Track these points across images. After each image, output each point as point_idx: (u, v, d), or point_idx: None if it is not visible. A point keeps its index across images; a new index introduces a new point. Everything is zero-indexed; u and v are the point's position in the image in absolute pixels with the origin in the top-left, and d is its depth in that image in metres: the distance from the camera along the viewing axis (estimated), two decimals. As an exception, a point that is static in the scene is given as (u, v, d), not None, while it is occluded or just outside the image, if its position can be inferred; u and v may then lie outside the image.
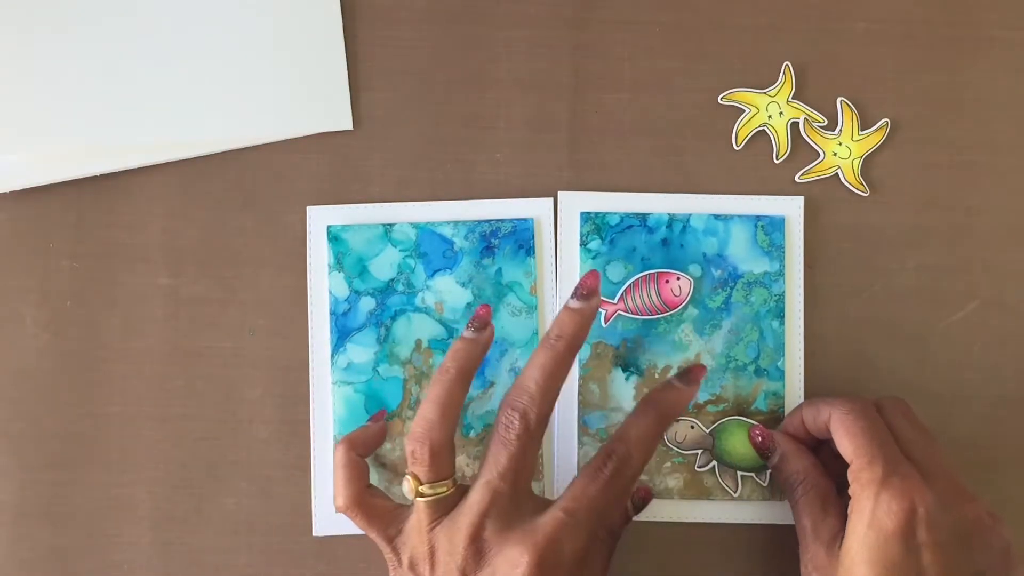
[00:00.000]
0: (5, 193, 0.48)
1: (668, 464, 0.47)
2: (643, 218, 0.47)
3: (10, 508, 0.47)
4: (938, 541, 0.37)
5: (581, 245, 0.47)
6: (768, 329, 0.47)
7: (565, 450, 0.47)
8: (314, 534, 0.47)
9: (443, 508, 0.40)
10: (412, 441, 0.40)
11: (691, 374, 0.43)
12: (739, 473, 0.46)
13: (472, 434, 0.47)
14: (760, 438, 0.45)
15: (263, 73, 0.49)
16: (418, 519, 0.40)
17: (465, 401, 0.45)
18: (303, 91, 0.49)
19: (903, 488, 0.37)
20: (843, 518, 0.40)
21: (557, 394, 0.40)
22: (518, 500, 0.40)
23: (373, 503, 0.42)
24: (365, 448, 0.44)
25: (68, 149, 0.48)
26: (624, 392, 0.47)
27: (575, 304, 0.41)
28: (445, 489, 0.40)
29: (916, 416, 0.42)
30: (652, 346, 0.47)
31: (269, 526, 0.47)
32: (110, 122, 0.48)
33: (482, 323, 0.42)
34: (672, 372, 0.47)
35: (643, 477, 0.47)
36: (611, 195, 0.48)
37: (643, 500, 0.46)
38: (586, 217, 0.47)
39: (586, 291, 0.42)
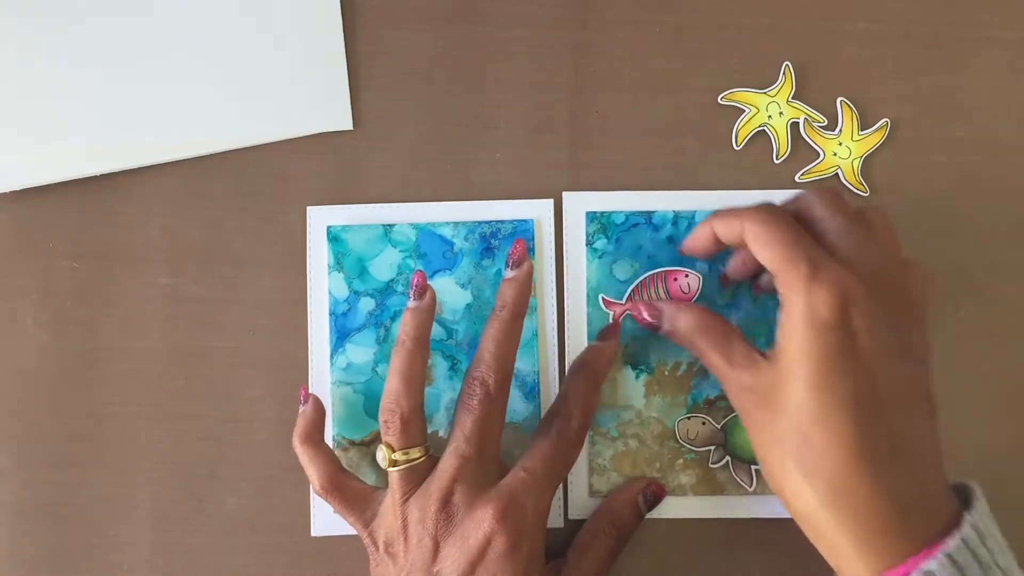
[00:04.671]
0: (5, 193, 0.48)
1: (680, 461, 0.47)
2: (648, 216, 0.47)
3: (10, 508, 0.47)
4: (872, 326, 0.37)
5: (587, 245, 0.47)
6: (776, 326, 0.47)
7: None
8: (312, 534, 0.47)
9: (416, 478, 0.42)
10: (383, 412, 0.42)
11: (607, 332, 0.46)
12: (753, 467, 0.46)
13: None
14: (645, 312, 0.44)
15: (263, 73, 0.49)
16: (392, 492, 0.42)
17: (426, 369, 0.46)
18: (303, 91, 0.49)
19: (832, 279, 0.37)
20: (749, 343, 0.41)
21: (512, 360, 0.43)
22: (485, 465, 0.42)
23: (349, 484, 0.43)
24: (317, 430, 0.45)
25: (68, 149, 0.48)
26: (635, 390, 0.47)
27: (510, 274, 0.44)
28: (419, 455, 0.42)
29: (845, 201, 0.40)
30: (661, 343, 0.47)
31: (269, 526, 0.47)
32: (110, 122, 0.48)
33: (420, 289, 0.43)
34: (682, 369, 0.47)
35: (655, 474, 0.47)
36: (615, 194, 0.48)
37: (655, 497, 0.46)
38: (592, 217, 0.48)
39: (516, 258, 0.44)
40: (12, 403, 0.48)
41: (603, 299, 0.47)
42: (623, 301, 0.47)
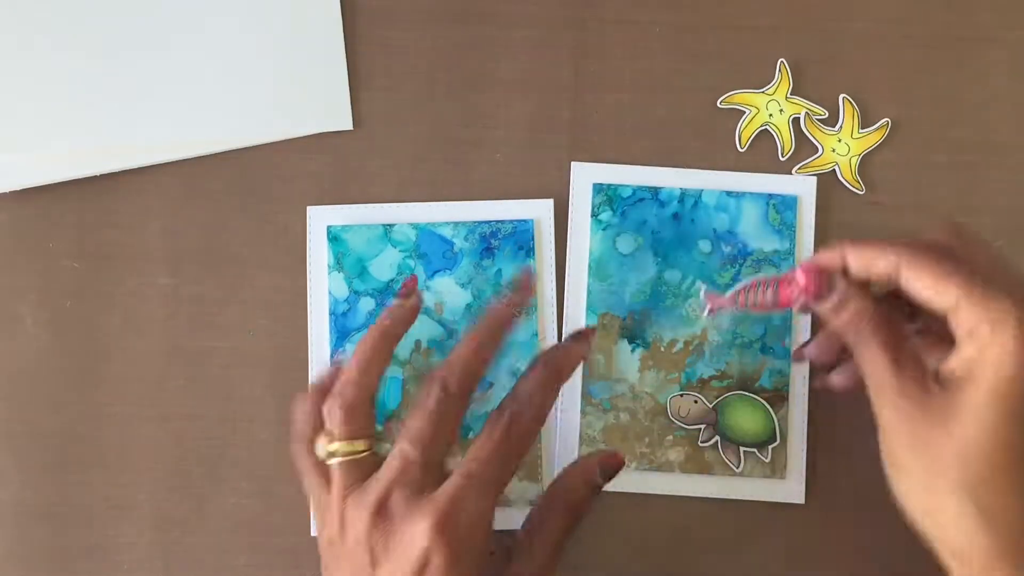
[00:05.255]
0: (5, 193, 0.48)
1: (670, 437, 0.47)
2: (655, 192, 0.48)
3: (10, 508, 0.47)
4: None
5: (592, 216, 0.48)
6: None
7: (569, 419, 0.47)
8: (313, 533, 0.47)
9: (358, 474, 0.39)
10: (328, 400, 0.40)
11: (582, 334, 0.43)
12: (742, 449, 0.46)
13: (471, 436, 0.47)
14: (807, 278, 0.39)
15: (263, 73, 0.49)
16: (333, 488, 0.39)
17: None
18: (303, 91, 0.49)
19: None
20: (919, 356, 0.38)
21: (481, 369, 0.40)
22: (429, 469, 0.39)
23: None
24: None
25: (68, 149, 0.48)
26: (629, 364, 0.47)
27: (504, 297, 0.43)
28: (362, 447, 0.39)
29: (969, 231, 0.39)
30: (658, 319, 0.47)
31: (269, 526, 0.47)
32: (110, 122, 0.48)
33: (408, 290, 0.42)
34: (678, 346, 0.47)
35: (644, 449, 0.47)
36: (624, 167, 0.48)
37: (613, 468, 0.42)
38: (598, 188, 0.48)
39: (516, 283, 0.43)
40: (12, 403, 0.48)
41: (704, 292, 0.45)
42: (727, 296, 0.43)
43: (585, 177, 0.48)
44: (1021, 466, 0.35)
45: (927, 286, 0.37)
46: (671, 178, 0.48)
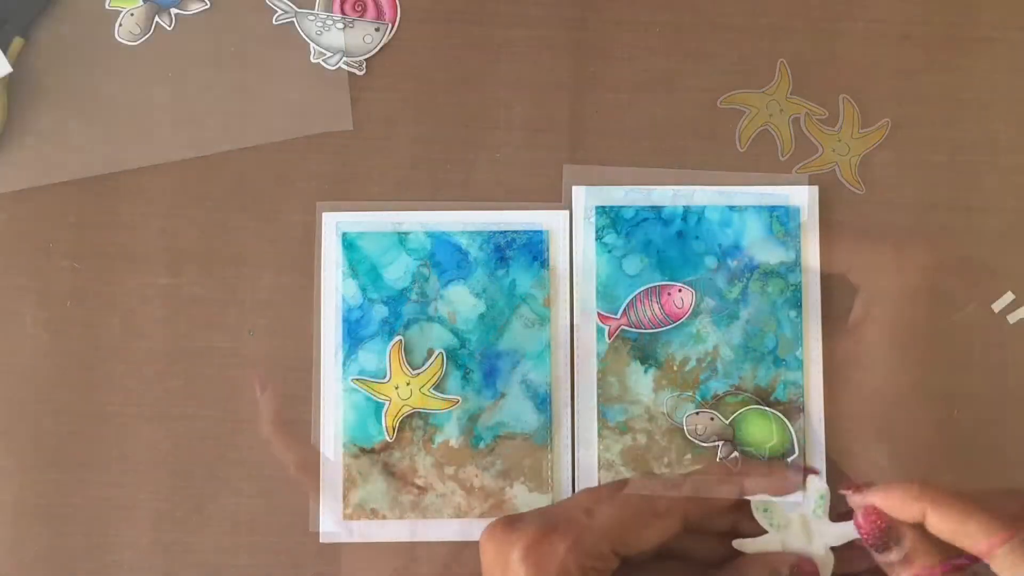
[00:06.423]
0: (5, 193, 0.48)
1: (688, 456, 0.47)
2: (657, 211, 0.47)
3: (10, 508, 0.47)
4: None
5: (597, 239, 0.47)
6: (785, 319, 0.47)
7: (585, 444, 0.47)
8: (310, 529, 0.47)
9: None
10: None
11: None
12: None
13: (482, 445, 0.47)
14: (867, 521, 0.42)
15: (263, 73, 0.49)
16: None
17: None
18: (303, 91, 0.49)
19: None
20: None
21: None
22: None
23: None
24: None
25: (68, 149, 0.48)
26: (643, 385, 0.47)
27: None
28: None
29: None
30: (669, 338, 0.47)
31: (269, 526, 0.47)
32: (110, 122, 0.48)
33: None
34: (691, 364, 0.47)
35: (663, 470, 0.46)
36: (616, 171, 0.48)
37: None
38: (601, 211, 0.48)
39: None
40: (12, 403, 0.48)
41: (599, 314, 0.47)
42: (618, 316, 0.47)
43: (587, 199, 0.48)
44: None
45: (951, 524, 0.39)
46: (662, 177, 0.48)
